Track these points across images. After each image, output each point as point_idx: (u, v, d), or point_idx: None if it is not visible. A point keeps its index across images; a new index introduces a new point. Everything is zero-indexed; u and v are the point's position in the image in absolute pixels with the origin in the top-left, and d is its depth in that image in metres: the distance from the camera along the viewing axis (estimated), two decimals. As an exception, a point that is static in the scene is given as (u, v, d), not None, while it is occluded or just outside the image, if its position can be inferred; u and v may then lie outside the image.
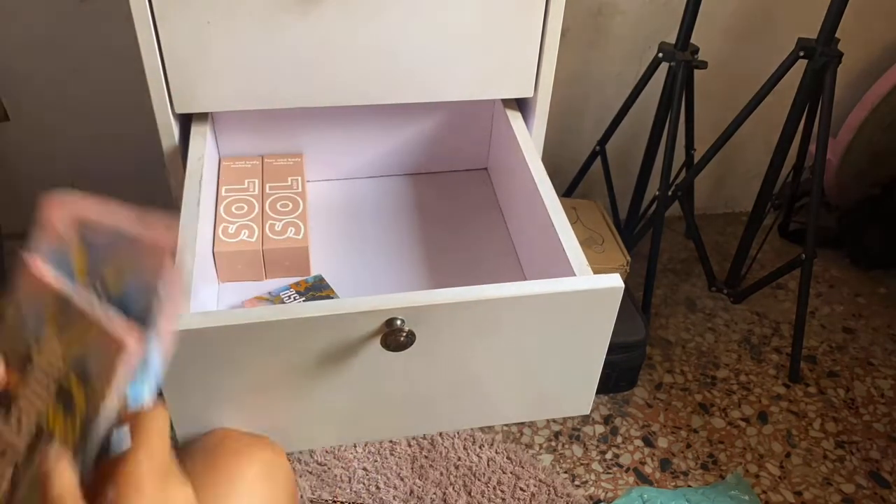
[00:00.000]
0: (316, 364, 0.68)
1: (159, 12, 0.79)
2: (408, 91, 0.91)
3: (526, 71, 0.93)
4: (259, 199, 0.91)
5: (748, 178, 1.83)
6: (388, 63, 0.88)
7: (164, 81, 0.85)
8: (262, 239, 0.86)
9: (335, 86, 0.89)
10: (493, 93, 0.94)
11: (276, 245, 0.86)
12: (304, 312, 0.65)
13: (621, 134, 1.55)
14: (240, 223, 0.87)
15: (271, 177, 0.95)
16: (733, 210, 1.89)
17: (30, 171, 1.44)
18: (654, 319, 1.59)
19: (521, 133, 0.95)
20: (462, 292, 0.68)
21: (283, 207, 0.90)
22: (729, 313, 1.62)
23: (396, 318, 0.67)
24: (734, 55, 1.58)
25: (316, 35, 0.84)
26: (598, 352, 0.75)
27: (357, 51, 0.86)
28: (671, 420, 1.40)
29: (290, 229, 0.87)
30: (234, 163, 0.97)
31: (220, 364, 0.67)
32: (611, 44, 1.54)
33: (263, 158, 0.98)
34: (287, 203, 0.91)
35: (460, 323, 0.69)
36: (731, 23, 1.54)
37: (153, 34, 0.80)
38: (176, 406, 0.68)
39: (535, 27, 0.89)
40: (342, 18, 0.83)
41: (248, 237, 0.85)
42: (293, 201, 0.91)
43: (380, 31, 0.85)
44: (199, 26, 0.81)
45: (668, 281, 1.68)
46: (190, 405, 0.69)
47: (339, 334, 0.67)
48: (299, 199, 0.92)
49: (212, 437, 0.69)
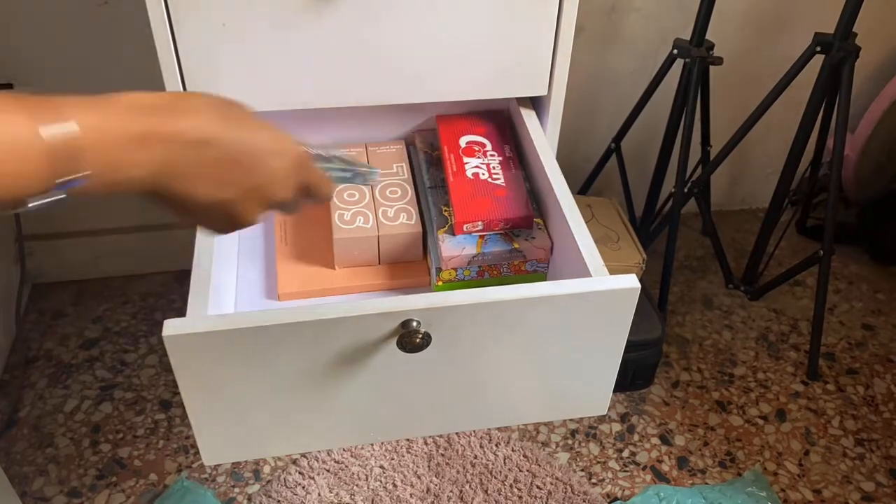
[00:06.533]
0: (332, 365, 0.69)
1: (175, 15, 0.80)
2: (422, 91, 0.91)
3: (540, 69, 0.93)
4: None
5: (765, 174, 1.81)
6: (401, 63, 0.88)
7: (182, 85, 0.85)
8: (377, 225, 0.90)
9: (349, 87, 0.89)
10: (507, 91, 0.94)
11: (391, 231, 0.90)
12: (319, 315, 0.66)
13: (636, 131, 1.55)
14: (354, 210, 0.92)
15: (377, 164, 0.99)
16: (750, 206, 1.88)
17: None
18: (671, 317, 1.58)
19: (536, 131, 0.95)
20: (477, 293, 0.68)
21: (393, 194, 0.94)
22: (746, 311, 1.61)
23: (412, 319, 0.67)
24: (749, 50, 1.57)
25: (330, 36, 0.84)
26: (615, 352, 0.75)
27: (371, 51, 0.87)
28: (688, 418, 1.39)
29: (402, 215, 0.91)
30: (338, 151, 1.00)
31: (235, 367, 0.67)
32: (625, 41, 1.53)
33: (367, 146, 1.02)
34: (396, 189, 0.95)
35: (476, 324, 0.70)
36: (747, 18, 1.53)
37: (170, 37, 0.81)
38: (195, 408, 0.69)
39: (548, 24, 0.89)
40: (356, 18, 0.84)
41: (364, 223, 0.90)
42: (401, 188, 0.95)
43: (393, 30, 0.85)
44: (214, 28, 0.82)
45: (685, 278, 1.68)
46: (211, 409, 0.69)
47: (355, 336, 0.67)
48: (407, 186, 0.96)
49: None
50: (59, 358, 1.44)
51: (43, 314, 1.53)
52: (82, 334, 1.49)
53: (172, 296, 1.57)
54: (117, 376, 1.41)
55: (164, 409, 1.36)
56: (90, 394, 1.38)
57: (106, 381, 1.40)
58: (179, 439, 1.31)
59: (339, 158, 0.69)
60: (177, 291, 1.58)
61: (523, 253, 0.87)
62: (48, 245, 1.54)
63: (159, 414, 1.35)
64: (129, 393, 1.38)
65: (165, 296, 1.57)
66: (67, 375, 1.41)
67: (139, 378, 1.41)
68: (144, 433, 1.32)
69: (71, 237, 1.55)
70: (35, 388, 1.39)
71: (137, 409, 1.36)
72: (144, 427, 1.33)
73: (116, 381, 1.40)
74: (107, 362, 1.44)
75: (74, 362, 1.44)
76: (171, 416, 1.35)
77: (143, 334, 1.49)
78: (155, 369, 1.42)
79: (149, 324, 1.51)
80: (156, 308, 1.55)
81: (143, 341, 1.48)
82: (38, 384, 1.39)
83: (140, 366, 1.43)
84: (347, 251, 0.91)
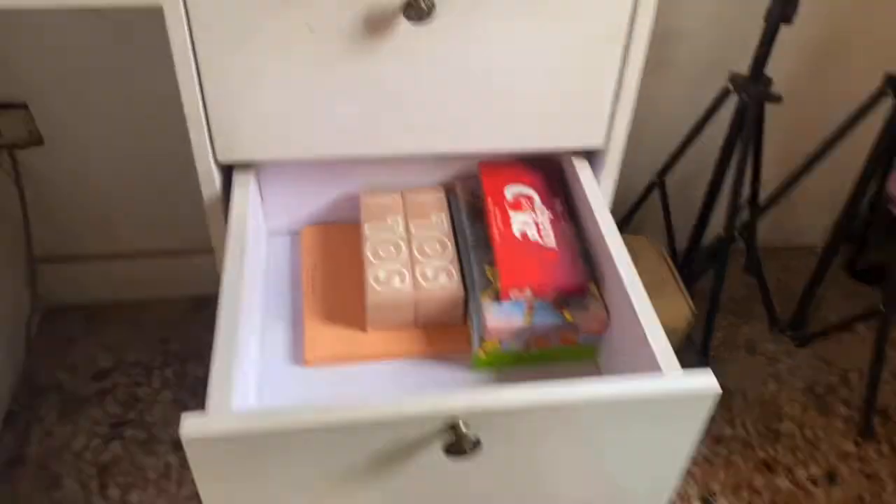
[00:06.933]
0: (367, 469, 0.61)
1: (203, 52, 0.73)
2: (466, 140, 0.83)
3: (597, 120, 0.85)
4: (405, 239, 0.87)
5: (813, 211, 1.72)
6: (450, 111, 0.80)
7: (207, 128, 0.78)
8: (414, 286, 0.82)
9: (392, 135, 0.81)
10: (558, 143, 0.86)
11: (430, 294, 0.82)
12: (356, 416, 0.58)
13: (678, 165, 1.46)
14: (390, 267, 0.84)
15: (414, 214, 0.91)
16: (796, 243, 1.79)
17: (63, 195, 1.39)
18: (713, 364, 1.49)
19: (590, 186, 0.87)
20: (533, 393, 0.60)
21: (432, 249, 0.86)
22: (792, 359, 1.52)
23: (460, 421, 0.59)
24: (807, 85, 1.48)
25: (374, 82, 0.76)
26: (681, 456, 0.67)
27: (416, 98, 0.79)
28: (732, 478, 1.31)
29: (442, 275, 0.84)
30: (374, 197, 0.92)
31: (260, 469, 0.60)
32: (673, 70, 1.44)
33: (404, 193, 0.93)
34: (435, 244, 0.87)
35: (530, 426, 0.62)
36: (806, 51, 1.44)
37: (195, 78, 0.74)
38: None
39: (611, 72, 0.81)
40: (402, 65, 0.76)
41: (401, 284, 0.82)
42: (441, 243, 0.87)
43: (442, 77, 0.77)
44: (245, 72, 0.74)
45: (727, 321, 1.59)
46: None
47: (394, 438, 0.60)
48: (447, 241, 0.88)
49: None
50: (69, 389, 1.38)
51: (53, 340, 1.46)
52: (94, 364, 1.42)
53: (188, 324, 1.50)
54: (129, 412, 1.34)
55: (177, 451, 1.29)
56: (100, 431, 1.31)
57: (117, 418, 1.33)
58: (192, 485, 1.24)
59: None
60: (193, 320, 1.51)
61: (576, 325, 0.79)
62: (60, 268, 1.48)
63: (171, 456, 1.28)
64: (142, 431, 1.31)
65: (181, 324, 1.50)
66: (77, 410, 1.34)
67: (152, 415, 1.34)
68: (156, 477, 1.25)
69: (84, 260, 1.48)
70: (43, 422, 1.32)
71: (149, 449, 1.29)
72: (156, 470, 1.26)
73: (128, 417, 1.33)
74: (119, 397, 1.37)
75: (85, 395, 1.37)
76: (183, 458, 1.28)
77: (158, 366, 1.42)
78: (168, 406, 1.35)
79: (163, 355, 1.44)
80: (171, 338, 1.48)
81: (157, 374, 1.41)
82: (46, 418, 1.33)
83: (153, 401, 1.36)
84: (382, 314, 0.83)
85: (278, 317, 0.86)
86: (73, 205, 1.40)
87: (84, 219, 1.43)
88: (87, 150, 1.33)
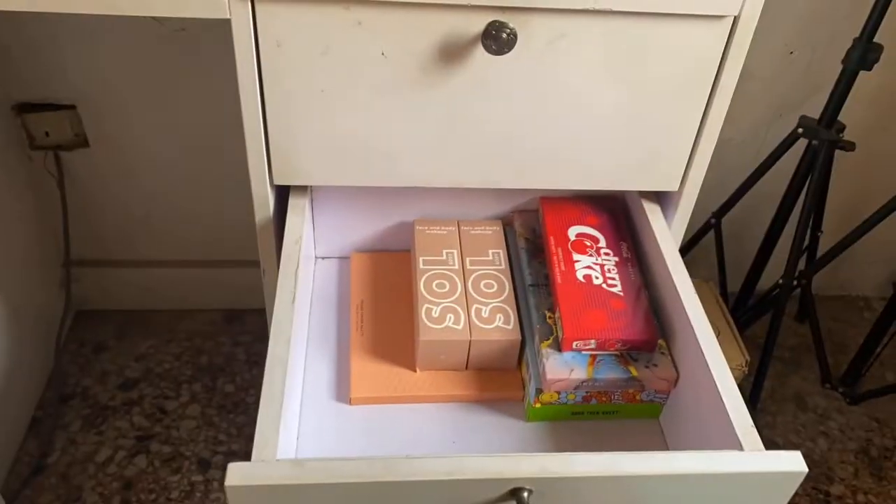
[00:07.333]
0: (421, 533, 0.57)
1: (268, 70, 0.69)
2: (537, 177, 0.79)
3: (674, 164, 0.80)
4: (460, 275, 0.83)
5: (870, 262, 1.65)
6: (520, 147, 0.76)
7: (266, 150, 0.74)
8: (469, 328, 0.77)
9: (456, 167, 0.77)
10: (632, 185, 0.81)
11: (485, 336, 0.77)
12: (411, 475, 0.53)
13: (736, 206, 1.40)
14: (443, 304, 0.79)
15: (470, 249, 0.86)
16: (850, 293, 1.72)
17: (104, 199, 1.36)
18: (760, 416, 1.43)
19: (661, 232, 0.82)
20: (602, 463, 0.55)
21: (488, 288, 0.82)
22: (844, 416, 1.45)
23: (524, 489, 0.54)
24: (875, 132, 1.42)
25: (442, 113, 0.72)
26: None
27: (486, 131, 0.75)
28: (777, 541, 1.24)
29: (499, 317, 0.79)
30: (429, 227, 0.88)
31: (307, 525, 0.55)
32: (737, 109, 1.39)
33: (460, 224, 0.89)
34: (492, 283, 0.83)
35: (596, 496, 0.57)
36: (875, 96, 1.38)
37: (258, 96, 0.70)
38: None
39: (693, 118, 0.76)
40: (474, 97, 0.72)
41: (455, 324, 0.77)
42: (498, 281, 0.83)
43: (514, 112, 0.73)
44: (311, 94, 0.70)
45: (776, 371, 1.52)
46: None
47: (452, 499, 0.55)
48: (504, 280, 0.83)
49: None
50: (95, 398, 1.35)
51: (84, 345, 1.44)
52: (122, 373, 1.39)
53: (220, 338, 1.47)
54: (155, 425, 1.31)
55: (203, 470, 1.25)
56: (125, 443, 1.28)
57: (143, 430, 1.30)
58: (215, 508, 1.20)
59: None
60: (225, 333, 1.48)
61: (642, 382, 0.74)
62: (96, 272, 1.45)
63: (197, 475, 1.24)
64: (167, 447, 1.27)
65: (213, 337, 1.47)
66: (103, 419, 1.31)
67: (178, 430, 1.30)
68: (179, 496, 1.21)
69: (120, 266, 1.45)
70: (68, 430, 1.29)
71: (174, 466, 1.25)
72: (180, 489, 1.22)
73: (154, 430, 1.30)
74: (145, 408, 1.33)
75: (112, 404, 1.34)
76: (209, 478, 1.24)
77: (187, 380, 1.39)
78: (196, 422, 1.32)
79: (193, 368, 1.41)
80: (202, 350, 1.44)
81: (186, 388, 1.37)
82: (71, 426, 1.30)
83: (181, 416, 1.33)
84: (433, 355, 0.79)
85: (323, 348, 0.82)
86: (113, 209, 1.38)
87: (123, 224, 1.40)
88: (132, 156, 1.31)
